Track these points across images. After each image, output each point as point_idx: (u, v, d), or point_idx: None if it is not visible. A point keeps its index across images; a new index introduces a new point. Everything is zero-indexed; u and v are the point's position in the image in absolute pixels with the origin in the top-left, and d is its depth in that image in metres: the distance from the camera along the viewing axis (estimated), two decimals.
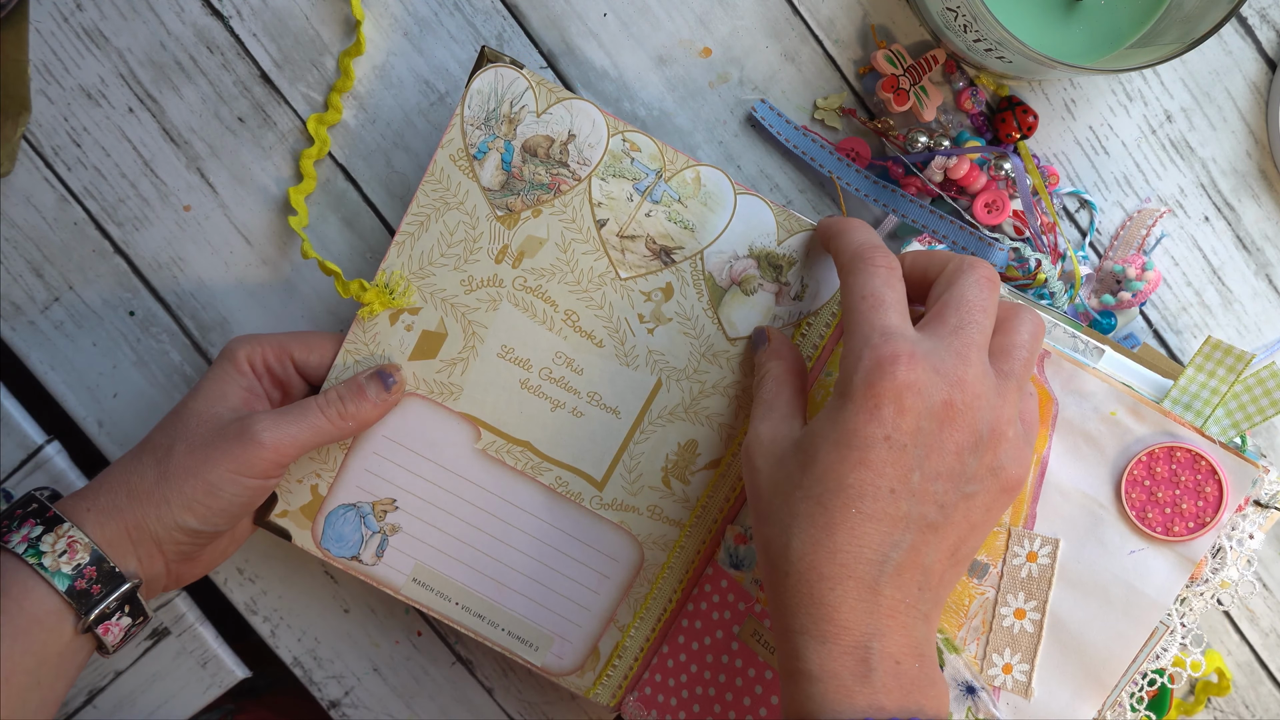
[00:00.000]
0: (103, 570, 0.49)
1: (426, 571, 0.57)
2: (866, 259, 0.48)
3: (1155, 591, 0.51)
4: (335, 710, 0.64)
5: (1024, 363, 0.47)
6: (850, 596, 0.43)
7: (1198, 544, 0.51)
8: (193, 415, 0.52)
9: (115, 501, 0.50)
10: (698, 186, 0.54)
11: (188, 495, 0.50)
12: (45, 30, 0.58)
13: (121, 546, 0.50)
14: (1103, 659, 0.51)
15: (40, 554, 0.49)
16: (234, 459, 0.50)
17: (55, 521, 0.50)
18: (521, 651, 0.57)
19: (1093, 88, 0.59)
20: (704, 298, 0.55)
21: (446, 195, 0.54)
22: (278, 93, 0.59)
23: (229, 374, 0.53)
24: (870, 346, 0.45)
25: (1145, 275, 0.58)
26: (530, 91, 0.54)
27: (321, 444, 0.53)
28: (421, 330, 0.55)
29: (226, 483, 0.50)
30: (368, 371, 0.54)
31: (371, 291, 0.55)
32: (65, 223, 0.60)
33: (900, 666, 0.43)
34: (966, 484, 0.45)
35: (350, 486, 0.56)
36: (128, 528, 0.50)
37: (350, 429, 0.53)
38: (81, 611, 0.49)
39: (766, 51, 0.59)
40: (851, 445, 0.44)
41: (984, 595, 0.53)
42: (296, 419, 0.52)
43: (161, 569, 0.52)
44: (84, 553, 0.49)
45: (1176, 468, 0.51)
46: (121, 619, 0.51)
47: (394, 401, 0.55)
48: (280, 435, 0.51)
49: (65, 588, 0.49)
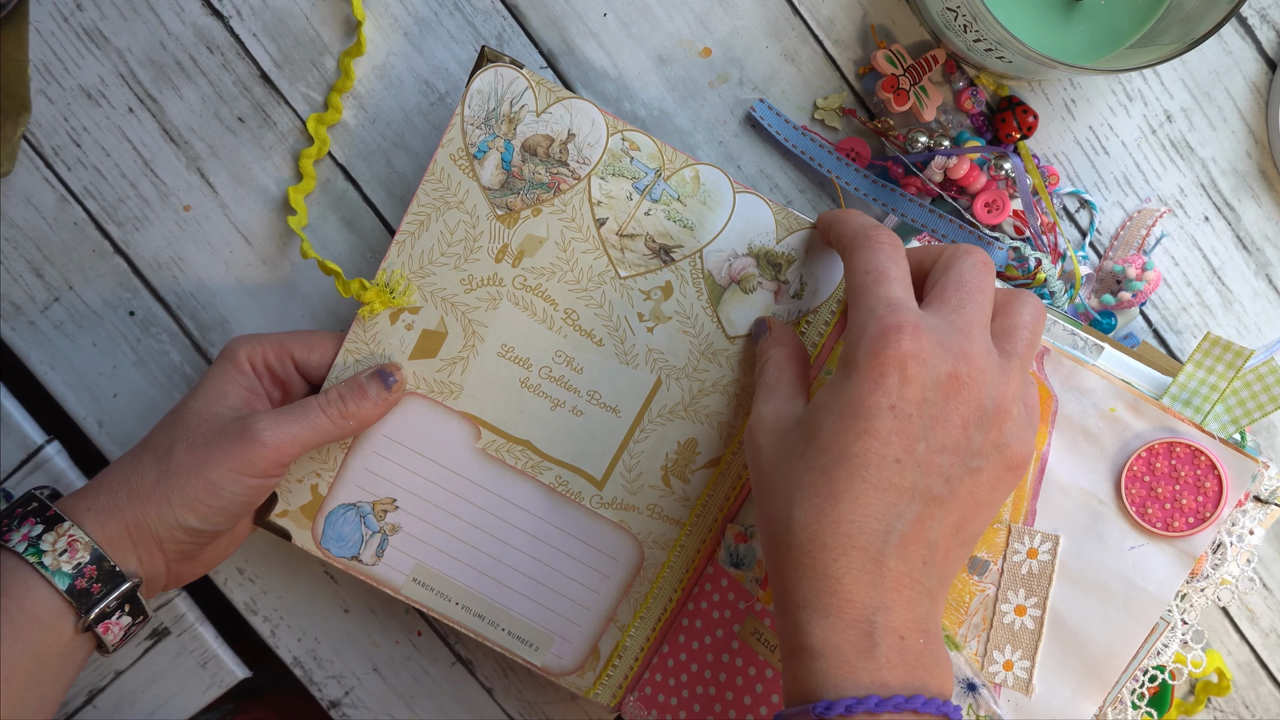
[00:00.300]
0: (103, 569, 0.49)
1: (426, 571, 0.57)
2: (870, 236, 0.48)
3: (1155, 587, 0.51)
4: (335, 710, 0.64)
5: (1027, 343, 0.47)
6: (854, 568, 0.42)
7: (1198, 539, 0.51)
8: (193, 414, 0.52)
9: (115, 501, 0.50)
10: (697, 185, 0.54)
11: (189, 494, 0.50)
12: (45, 30, 0.58)
13: (122, 546, 0.50)
14: (1103, 656, 0.51)
15: (41, 553, 0.49)
16: (235, 458, 0.50)
17: (56, 520, 0.50)
18: (521, 651, 0.57)
19: (1093, 88, 0.59)
20: (703, 296, 0.55)
21: (446, 194, 0.54)
22: (278, 93, 0.59)
23: (229, 373, 0.53)
24: (875, 317, 0.45)
25: (1145, 275, 0.58)
26: (530, 91, 0.54)
27: (322, 443, 0.53)
28: (422, 329, 0.55)
29: (228, 482, 0.50)
30: (368, 371, 0.54)
31: (372, 291, 0.55)
32: (65, 223, 0.60)
33: (905, 642, 0.42)
34: (972, 459, 0.44)
35: (350, 486, 0.56)
36: (128, 527, 0.50)
37: (351, 428, 0.53)
38: (82, 610, 0.49)
39: (766, 51, 0.59)
40: (856, 415, 0.44)
41: (984, 592, 0.53)
42: (298, 418, 0.52)
43: (162, 568, 0.52)
44: (84, 552, 0.49)
45: (1176, 463, 0.51)
46: (121, 618, 0.51)
47: (394, 401, 0.55)
48: (281, 434, 0.51)
49: (65, 586, 0.49)
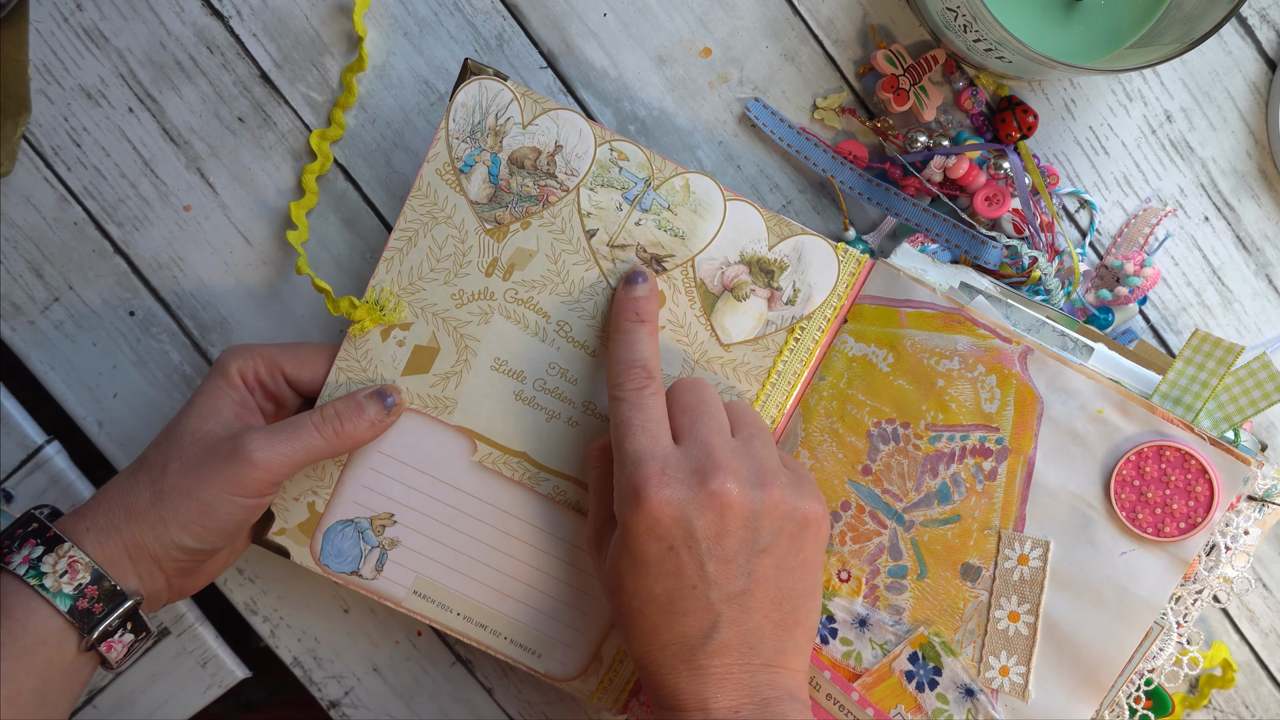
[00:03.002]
0: (104, 589, 0.49)
1: (427, 584, 0.57)
2: (615, 388, 0.51)
3: (1148, 593, 0.51)
4: (335, 710, 0.64)
5: (758, 424, 0.52)
6: (682, 677, 0.48)
7: (1189, 544, 0.51)
8: (186, 433, 0.52)
9: (113, 520, 0.50)
10: (687, 194, 0.54)
11: (183, 515, 0.50)
12: (45, 30, 0.58)
13: (121, 565, 0.50)
14: (1098, 661, 0.51)
15: (41, 575, 0.49)
16: (226, 479, 0.50)
17: (55, 541, 0.50)
18: (525, 659, 0.57)
19: (1093, 88, 0.59)
20: (696, 305, 0.55)
21: (434, 209, 0.54)
22: (278, 93, 0.59)
23: (221, 389, 0.53)
24: (624, 475, 0.49)
25: (1143, 271, 0.58)
26: (515, 103, 0.53)
27: (315, 460, 0.52)
28: (414, 345, 0.55)
29: (220, 502, 0.50)
30: (368, 390, 0.54)
31: (362, 309, 0.54)
32: (65, 223, 0.60)
33: (739, 714, 0.47)
34: (760, 542, 0.49)
35: (348, 502, 0.56)
36: (126, 546, 0.50)
37: (345, 447, 0.53)
38: (84, 630, 0.49)
39: (766, 51, 0.59)
40: (644, 565, 0.48)
41: (978, 599, 0.53)
42: (290, 437, 0.51)
43: (163, 585, 0.52)
44: (85, 572, 0.49)
45: (1166, 467, 0.51)
46: (124, 635, 0.51)
47: (391, 422, 0.55)
48: (272, 454, 0.51)
49: (67, 608, 0.49)
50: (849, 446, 0.55)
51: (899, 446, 0.54)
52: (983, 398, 0.53)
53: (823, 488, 0.55)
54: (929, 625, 0.54)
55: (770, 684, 0.48)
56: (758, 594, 0.48)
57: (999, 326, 0.53)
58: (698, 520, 0.48)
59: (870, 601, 0.54)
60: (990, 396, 0.53)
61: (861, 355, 0.55)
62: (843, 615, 0.55)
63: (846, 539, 0.55)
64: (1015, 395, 0.52)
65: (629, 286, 0.54)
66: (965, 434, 0.53)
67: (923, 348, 0.54)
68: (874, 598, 0.54)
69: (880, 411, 0.54)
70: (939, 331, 0.54)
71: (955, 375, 0.53)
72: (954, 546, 0.53)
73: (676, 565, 0.48)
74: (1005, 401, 0.53)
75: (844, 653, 0.55)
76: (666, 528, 0.48)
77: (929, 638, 0.54)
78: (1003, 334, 0.53)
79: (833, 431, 0.55)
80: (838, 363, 0.55)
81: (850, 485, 0.55)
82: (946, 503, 0.53)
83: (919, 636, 0.54)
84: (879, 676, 0.54)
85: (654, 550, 0.48)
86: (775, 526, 0.49)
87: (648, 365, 0.51)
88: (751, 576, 0.48)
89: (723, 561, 0.48)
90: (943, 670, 0.53)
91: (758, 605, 0.48)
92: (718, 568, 0.48)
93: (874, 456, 0.54)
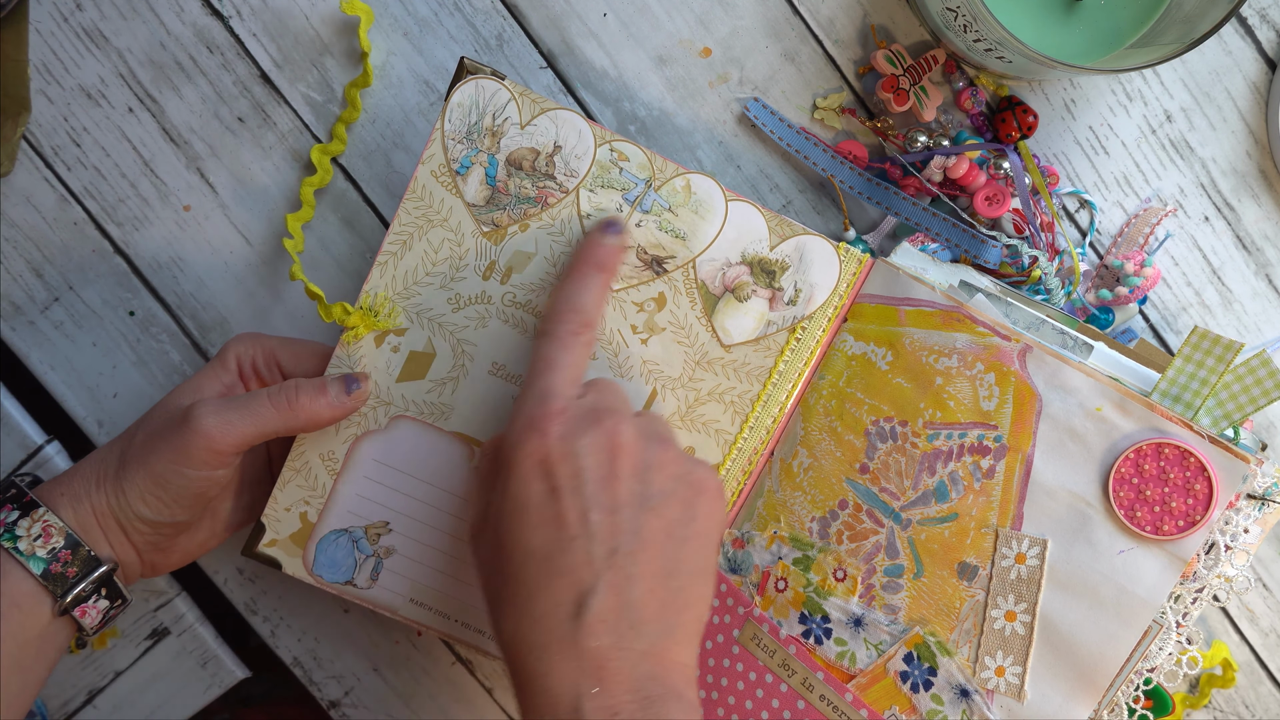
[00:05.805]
0: (78, 554, 0.50)
1: (424, 591, 0.56)
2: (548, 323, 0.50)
3: (1146, 592, 0.51)
4: (335, 710, 0.64)
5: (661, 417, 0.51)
6: (556, 660, 0.43)
7: (1188, 543, 0.50)
8: (163, 405, 0.52)
9: (86, 488, 0.51)
10: (688, 194, 0.54)
11: (139, 485, 0.50)
12: (45, 30, 0.59)
13: (93, 533, 0.51)
14: (1095, 661, 0.51)
15: (16, 538, 0.49)
16: (174, 448, 0.50)
17: (31, 506, 0.50)
18: None
19: (1093, 88, 0.59)
20: (697, 306, 0.55)
21: (429, 212, 0.54)
22: (278, 93, 0.59)
23: (214, 370, 0.54)
24: (524, 409, 0.47)
25: (1144, 271, 0.58)
26: (513, 103, 0.53)
27: (268, 435, 0.51)
28: (409, 351, 0.55)
29: (170, 474, 0.50)
30: (337, 374, 0.54)
31: (355, 315, 0.53)
32: (65, 223, 0.60)
33: (618, 716, 0.42)
34: (650, 498, 0.46)
35: (341, 512, 0.55)
36: (96, 514, 0.51)
37: (300, 424, 0.52)
38: (57, 594, 0.50)
39: (766, 51, 0.59)
40: (525, 510, 0.45)
41: (974, 598, 0.53)
42: (240, 406, 0.50)
43: (134, 556, 0.52)
44: (59, 537, 0.50)
45: (1165, 465, 0.50)
46: (99, 601, 0.51)
47: (352, 408, 0.53)
48: (218, 422, 0.50)
49: (40, 571, 0.49)
50: (847, 445, 0.55)
51: (897, 445, 0.54)
52: (981, 395, 0.53)
53: (821, 486, 0.55)
54: (925, 625, 0.53)
55: (654, 678, 0.44)
56: (642, 559, 0.45)
57: (998, 324, 0.53)
58: (586, 458, 0.45)
59: (866, 601, 0.54)
60: (989, 394, 0.53)
61: (861, 354, 0.55)
62: (838, 615, 0.55)
63: (843, 538, 0.55)
64: (1014, 393, 0.52)
65: (601, 232, 0.52)
66: (963, 432, 0.53)
67: (922, 346, 0.54)
68: (870, 597, 0.54)
69: (879, 410, 0.54)
70: (938, 329, 0.54)
71: (954, 373, 0.53)
72: (951, 545, 0.53)
73: (558, 511, 0.45)
74: (1004, 399, 0.52)
75: (838, 653, 0.55)
76: (554, 464, 0.45)
77: (924, 638, 0.53)
78: (1002, 332, 0.53)
79: (831, 430, 0.55)
80: (837, 361, 0.55)
81: (848, 484, 0.55)
82: (944, 501, 0.53)
83: (914, 636, 0.54)
84: (873, 677, 0.54)
85: (536, 492, 0.45)
86: (666, 487, 0.47)
87: (589, 315, 0.50)
88: (638, 536, 0.45)
89: (608, 511, 0.45)
90: (938, 670, 0.53)
91: (641, 573, 0.45)
92: (601, 518, 0.45)
93: (872, 455, 0.54)
